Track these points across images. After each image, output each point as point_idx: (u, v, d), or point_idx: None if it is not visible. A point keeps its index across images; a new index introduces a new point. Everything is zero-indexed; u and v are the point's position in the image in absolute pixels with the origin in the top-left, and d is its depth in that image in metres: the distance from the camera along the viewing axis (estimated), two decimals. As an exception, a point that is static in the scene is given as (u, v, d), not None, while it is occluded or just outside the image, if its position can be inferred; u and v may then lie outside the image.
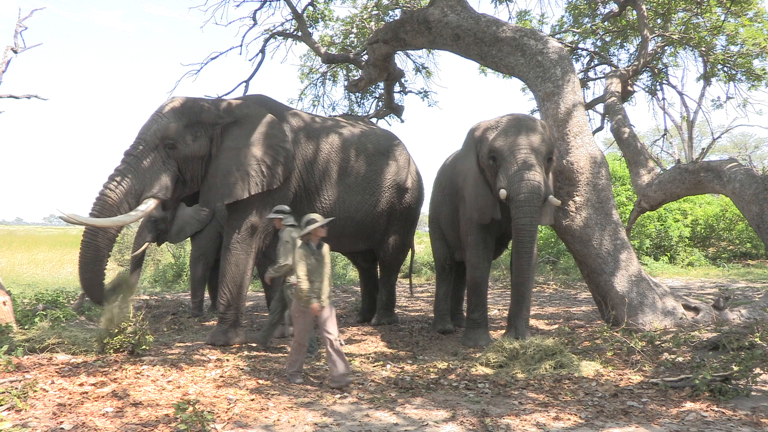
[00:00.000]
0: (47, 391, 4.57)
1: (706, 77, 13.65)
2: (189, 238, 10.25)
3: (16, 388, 4.44)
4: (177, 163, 6.71)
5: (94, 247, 6.36)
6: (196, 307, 9.84)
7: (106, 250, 6.45)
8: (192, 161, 6.82)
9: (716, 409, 4.44)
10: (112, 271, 10.67)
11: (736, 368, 4.93)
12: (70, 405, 4.30)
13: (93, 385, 4.81)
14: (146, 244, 9.83)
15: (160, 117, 6.71)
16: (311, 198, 7.62)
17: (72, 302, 9.79)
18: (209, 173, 6.96)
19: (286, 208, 6.69)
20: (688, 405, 4.56)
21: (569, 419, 4.29)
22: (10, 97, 8.95)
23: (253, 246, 7.17)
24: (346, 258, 14.54)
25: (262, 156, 7.01)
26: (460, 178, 7.34)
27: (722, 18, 12.06)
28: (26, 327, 7.13)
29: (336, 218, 7.77)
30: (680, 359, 5.84)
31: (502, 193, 6.50)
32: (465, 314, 8.88)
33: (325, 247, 5.43)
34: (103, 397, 4.52)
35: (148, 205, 6.44)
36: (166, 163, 6.62)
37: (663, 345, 6.36)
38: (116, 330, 5.96)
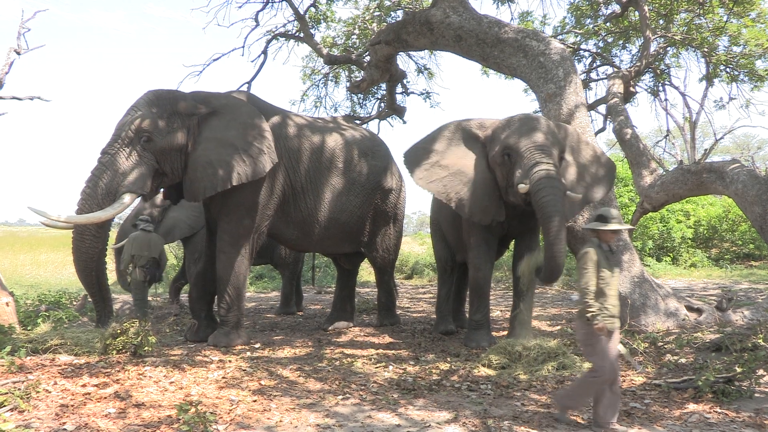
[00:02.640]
0: (50, 392, 4.57)
1: (709, 78, 13.65)
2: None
3: (19, 389, 4.44)
4: (154, 156, 6.61)
5: (83, 247, 6.50)
6: None
7: (96, 248, 6.56)
8: (169, 153, 6.71)
9: (719, 410, 4.44)
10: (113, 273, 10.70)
11: (739, 370, 4.92)
12: (72, 406, 4.30)
13: (95, 386, 4.82)
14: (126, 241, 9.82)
15: (134, 110, 6.63)
16: (297, 198, 7.54)
17: (74, 303, 9.81)
18: (189, 166, 6.84)
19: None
20: (691, 407, 4.55)
21: (572, 420, 4.29)
22: (13, 98, 8.99)
23: (246, 247, 7.12)
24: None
25: (243, 146, 6.87)
26: (440, 170, 7.08)
27: (725, 19, 12.06)
28: (29, 328, 7.15)
29: (321, 219, 7.74)
30: (683, 360, 5.83)
31: (522, 186, 6.26)
32: (467, 315, 8.88)
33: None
34: (105, 398, 4.52)
35: (125, 199, 6.40)
36: (143, 157, 6.53)
37: (666, 346, 6.35)
38: (119, 331, 5.98)
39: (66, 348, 6.04)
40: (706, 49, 12.80)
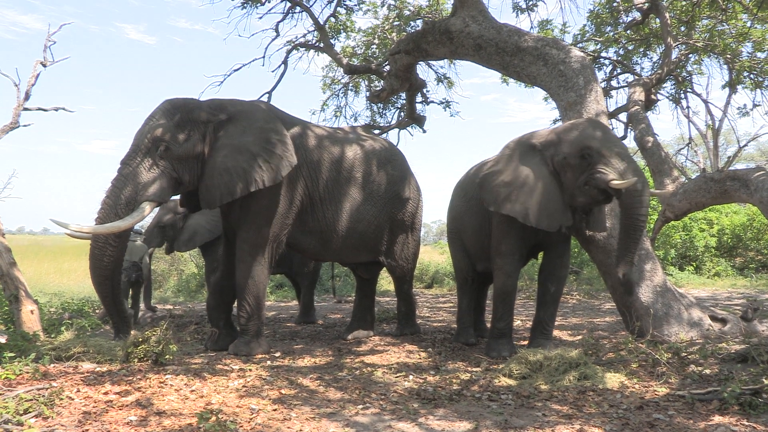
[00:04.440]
0: (73, 399, 4.62)
1: (732, 85, 13.50)
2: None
3: (43, 396, 4.50)
4: (172, 165, 6.66)
5: (99, 256, 6.53)
6: None
7: (113, 257, 6.58)
8: (186, 161, 6.75)
9: (746, 423, 4.35)
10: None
11: (766, 381, 4.83)
12: (95, 413, 4.34)
13: (117, 393, 4.86)
14: (151, 249, 9.97)
15: (151, 120, 6.71)
16: (315, 208, 7.56)
17: (97, 312, 9.92)
18: (206, 173, 6.87)
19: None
20: (717, 419, 4.47)
21: (594, 431, 4.24)
22: (39, 109, 9.15)
23: (266, 256, 7.14)
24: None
25: (259, 151, 6.87)
26: (505, 187, 6.96)
27: (748, 24, 11.92)
28: (53, 335, 7.24)
29: (339, 229, 7.74)
30: (707, 371, 5.74)
31: (617, 182, 6.34)
32: (488, 325, 8.83)
33: None
34: (127, 405, 4.56)
35: (144, 209, 6.46)
36: (160, 165, 6.58)
37: (689, 357, 6.26)
38: (140, 339, 6.03)
39: (89, 356, 6.10)
40: (729, 56, 12.67)
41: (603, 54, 14.35)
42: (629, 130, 12.73)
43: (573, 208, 6.92)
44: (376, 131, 13.77)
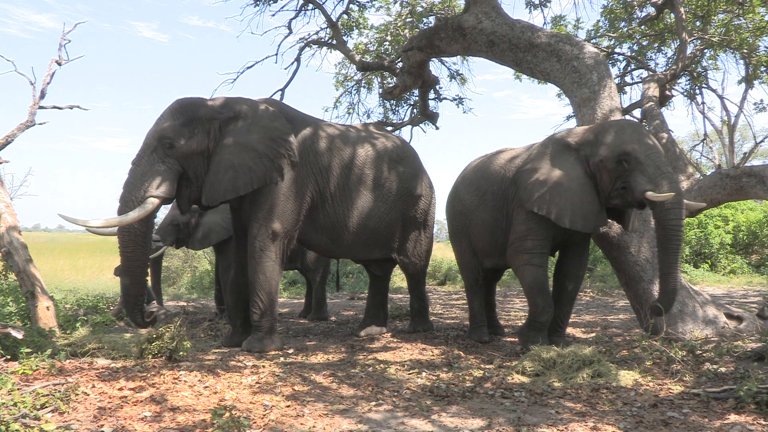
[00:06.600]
0: (88, 395, 4.66)
1: (748, 80, 13.38)
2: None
3: (59, 392, 4.54)
4: (178, 162, 6.75)
5: (127, 254, 6.64)
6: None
7: (134, 255, 6.66)
8: (192, 158, 6.83)
9: (763, 422, 4.30)
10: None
11: (782, 380, 4.78)
12: (110, 409, 4.38)
13: (132, 389, 4.90)
14: (164, 247, 9.99)
15: (160, 119, 6.84)
16: (326, 204, 7.60)
17: (111, 308, 9.99)
18: (211, 170, 6.95)
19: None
20: (732, 417, 4.44)
21: (607, 429, 4.21)
22: (54, 107, 9.23)
23: (277, 252, 7.18)
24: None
25: (264, 149, 6.96)
26: (539, 186, 6.89)
27: (766, 18, 11.79)
28: (68, 331, 7.30)
29: (350, 225, 7.75)
30: (723, 370, 5.69)
31: (652, 194, 6.28)
32: (501, 322, 8.80)
33: None
34: (141, 401, 4.59)
35: (147, 205, 6.51)
36: (166, 163, 6.67)
37: (704, 355, 6.21)
38: (154, 336, 6.07)
39: (103, 352, 6.16)
40: (745, 51, 12.54)
41: (617, 50, 14.26)
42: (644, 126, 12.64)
43: (607, 207, 6.87)
44: (389, 128, 13.78)
